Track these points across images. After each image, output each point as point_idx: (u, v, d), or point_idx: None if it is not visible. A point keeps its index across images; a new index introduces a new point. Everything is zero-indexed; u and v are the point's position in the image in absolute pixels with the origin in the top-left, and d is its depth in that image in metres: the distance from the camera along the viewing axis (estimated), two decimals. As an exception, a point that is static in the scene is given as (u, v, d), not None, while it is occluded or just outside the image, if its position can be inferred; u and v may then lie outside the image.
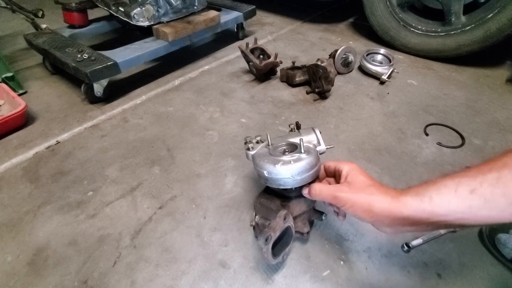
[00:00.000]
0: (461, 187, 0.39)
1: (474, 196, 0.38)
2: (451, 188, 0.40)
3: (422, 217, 0.42)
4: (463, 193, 0.39)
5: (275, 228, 0.52)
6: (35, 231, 0.69)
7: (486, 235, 0.65)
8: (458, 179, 0.40)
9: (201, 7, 1.35)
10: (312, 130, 0.65)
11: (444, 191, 0.41)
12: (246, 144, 0.64)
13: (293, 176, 0.53)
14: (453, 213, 0.40)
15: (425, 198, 0.42)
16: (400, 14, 1.43)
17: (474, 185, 0.39)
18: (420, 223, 0.42)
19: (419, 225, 0.43)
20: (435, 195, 0.41)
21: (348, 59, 1.28)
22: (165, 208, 0.74)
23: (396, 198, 0.44)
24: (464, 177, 0.40)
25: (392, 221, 0.44)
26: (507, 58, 1.43)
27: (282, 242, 0.57)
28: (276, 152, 0.60)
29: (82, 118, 1.05)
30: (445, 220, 0.41)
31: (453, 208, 0.40)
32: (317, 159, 0.56)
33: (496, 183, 0.38)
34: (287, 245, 0.58)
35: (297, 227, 0.61)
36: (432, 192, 0.42)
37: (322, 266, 0.62)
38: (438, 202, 0.41)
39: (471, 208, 0.39)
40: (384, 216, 0.44)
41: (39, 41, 1.19)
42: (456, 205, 0.39)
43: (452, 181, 0.41)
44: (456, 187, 0.40)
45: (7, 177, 0.83)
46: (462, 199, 0.39)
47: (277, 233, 0.52)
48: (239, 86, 1.22)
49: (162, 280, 0.60)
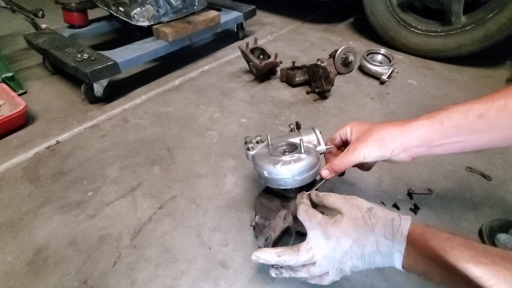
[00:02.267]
0: (471, 112, 0.44)
1: (482, 120, 0.43)
2: (462, 113, 0.44)
3: (433, 137, 0.46)
4: (471, 117, 0.43)
5: (275, 228, 0.52)
6: (35, 231, 0.69)
7: (486, 235, 0.66)
8: (469, 106, 0.44)
9: (201, 7, 1.35)
10: (312, 130, 0.65)
11: (455, 115, 0.45)
12: (246, 144, 0.64)
13: (293, 176, 0.53)
14: (460, 135, 0.45)
15: (436, 120, 0.46)
16: (400, 14, 1.43)
17: (483, 110, 0.43)
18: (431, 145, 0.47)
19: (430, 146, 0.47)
20: (446, 119, 0.45)
21: (348, 59, 1.28)
22: (165, 208, 0.74)
23: (406, 124, 0.49)
24: (475, 103, 0.44)
25: (405, 144, 0.48)
26: (507, 58, 1.43)
27: (282, 242, 0.57)
28: (276, 152, 0.60)
29: (82, 118, 1.05)
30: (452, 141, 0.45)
31: (460, 130, 0.44)
32: (317, 159, 0.56)
33: (503, 108, 0.42)
34: (287, 245, 0.58)
35: (297, 227, 0.61)
36: (444, 116, 0.46)
37: (322, 266, 0.62)
38: (448, 124, 0.45)
39: (476, 131, 0.44)
40: (398, 142, 0.48)
41: (39, 41, 1.18)
42: (464, 127, 0.44)
43: (463, 107, 0.44)
44: (466, 112, 0.44)
45: (7, 177, 0.83)
46: (470, 122, 0.43)
47: (277, 233, 0.52)
48: (239, 86, 1.22)
49: (162, 280, 0.60)
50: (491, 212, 0.72)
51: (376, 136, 0.50)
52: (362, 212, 0.45)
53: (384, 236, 0.42)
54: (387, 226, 0.43)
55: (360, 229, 0.44)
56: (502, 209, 0.73)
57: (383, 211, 0.45)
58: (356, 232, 0.43)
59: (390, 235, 0.42)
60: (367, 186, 0.79)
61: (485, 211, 0.73)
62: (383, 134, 0.50)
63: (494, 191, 0.78)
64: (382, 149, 0.49)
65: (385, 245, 0.42)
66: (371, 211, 0.45)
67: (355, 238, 0.43)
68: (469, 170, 0.83)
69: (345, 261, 0.44)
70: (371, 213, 0.45)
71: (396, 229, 0.42)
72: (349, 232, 0.44)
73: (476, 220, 0.71)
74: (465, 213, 0.72)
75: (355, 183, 0.80)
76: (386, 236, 0.42)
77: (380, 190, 0.78)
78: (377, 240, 0.42)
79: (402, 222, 0.43)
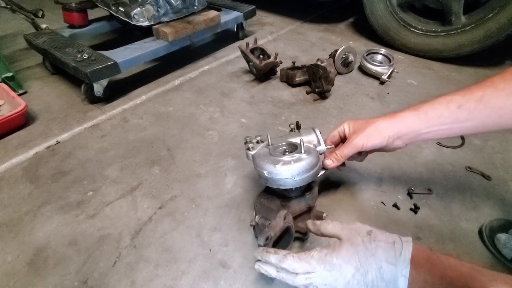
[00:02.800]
0: (451, 103, 0.50)
1: (461, 110, 0.49)
2: (443, 104, 0.51)
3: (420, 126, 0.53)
4: (452, 108, 0.50)
5: (275, 228, 0.52)
6: (35, 231, 0.69)
7: (486, 235, 0.66)
8: (450, 97, 0.51)
9: (201, 7, 1.35)
10: (312, 130, 0.65)
11: (437, 106, 0.52)
12: (246, 144, 0.64)
13: (293, 176, 0.53)
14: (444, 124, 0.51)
15: (421, 111, 0.53)
16: (400, 14, 1.43)
17: (462, 102, 0.49)
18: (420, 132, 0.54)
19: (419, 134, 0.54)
20: (429, 110, 0.52)
21: (348, 59, 1.28)
22: (165, 208, 0.74)
23: (394, 115, 0.56)
24: (455, 95, 0.50)
25: (397, 132, 0.55)
26: (507, 58, 1.43)
27: (282, 242, 0.57)
28: (276, 152, 0.60)
29: (82, 118, 1.05)
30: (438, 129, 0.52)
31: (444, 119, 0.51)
32: (317, 159, 0.56)
33: (480, 99, 0.48)
34: (287, 245, 0.58)
35: (297, 227, 0.61)
36: (428, 108, 0.53)
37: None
38: (432, 115, 0.52)
39: (458, 120, 0.50)
40: (391, 131, 0.55)
41: (39, 41, 1.18)
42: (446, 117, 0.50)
43: (445, 99, 0.51)
44: (447, 103, 0.50)
45: (7, 177, 0.83)
46: (451, 112, 0.50)
47: (277, 233, 0.52)
48: (239, 86, 1.22)
49: (162, 280, 0.60)
50: (491, 212, 0.72)
51: (372, 127, 0.57)
52: (361, 236, 0.45)
53: (386, 261, 0.41)
54: (389, 250, 0.42)
55: (361, 254, 0.42)
56: (502, 209, 0.73)
57: (383, 234, 0.45)
58: (357, 259, 0.42)
59: (393, 259, 0.41)
60: (367, 186, 0.79)
61: (485, 211, 0.73)
62: (377, 124, 0.56)
63: (494, 191, 0.78)
64: (379, 137, 0.55)
65: (389, 271, 0.41)
66: (371, 234, 0.45)
67: (357, 266, 0.42)
68: (469, 170, 0.83)
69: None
70: (370, 237, 0.44)
71: (398, 252, 0.41)
72: (351, 259, 0.42)
73: (476, 220, 0.71)
74: (465, 213, 0.72)
75: (355, 183, 0.80)
76: (389, 260, 0.41)
77: (380, 190, 0.78)
78: (380, 265, 0.41)
79: (404, 245, 0.42)
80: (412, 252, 0.41)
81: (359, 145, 0.57)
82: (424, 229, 0.69)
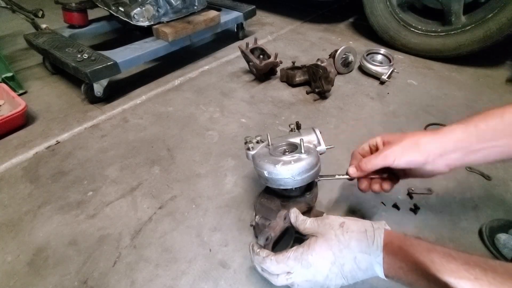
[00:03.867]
0: (507, 115, 0.42)
1: None
2: (497, 116, 0.43)
3: (470, 141, 0.44)
4: (509, 120, 0.42)
5: (275, 228, 0.52)
6: (35, 231, 0.69)
7: (486, 235, 0.66)
8: (503, 109, 0.43)
9: (201, 7, 1.35)
10: (312, 130, 0.65)
11: (490, 118, 0.44)
12: (246, 144, 0.64)
13: (294, 176, 0.53)
14: (498, 138, 0.43)
15: (470, 124, 0.45)
16: (400, 14, 1.43)
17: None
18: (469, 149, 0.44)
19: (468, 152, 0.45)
20: (481, 122, 0.44)
21: (348, 59, 1.28)
22: (165, 208, 0.74)
23: (438, 130, 0.47)
24: (509, 107, 0.43)
25: (441, 149, 0.45)
26: (507, 58, 1.43)
27: (282, 242, 0.57)
28: (276, 152, 0.60)
29: (82, 118, 1.05)
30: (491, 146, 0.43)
31: (498, 133, 0.43)
32: (317, 159, 0.56)
33: None
34: (287, 245, 0.58)
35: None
36: (478, 120, 0.44)
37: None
38: (484, 127, 0.43)
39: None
40: (433, 147, 0.46)
41: (39, 41, 1.18)
42: (501, 130, 0.42)
43: (497, 111, 0.43)
44: (502, 115, 0.43)
45: (7, 177, 0.83)
46: (508, 125, 0.42)
47: (277, 233, 0.52)
48: (239, 86, 1.22)
49: (162, 280, 0.60)
50: (491, 212, 0.72)
51: (410, 139, 0.48)
52: (334, 230, 0.45)
53: (360, 251, 0.42)
54: (361, 240, 0.42)
55: (335, 248, 0.43)
56: (502, 209, 0.73)
57: (355, 224, 0.45)
58: (332, 253, 0.43)
59: (366, 248, 0.41)
60: (367, 186, 0.79)
61: (485, 211, 0.73)
62: (417, 138, 0.47)
63: (494, 191, 0.78)
64: (416, 152, 0.46)
65: (363, 260, 0.41)
66: (343, 226, 0.45)
67: (332, 260, 0.43)
68: (469, 170, 0.83)
69: (328, 282, 0.43)
70: (343, 229, 0.44)
71: (370, 241, 0.42)
72: (325, 255, 0.43)
73: (476, 220, 0.71)
74: (465, 213, 0.72)
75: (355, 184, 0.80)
76: (362, 250, 0.42)
77: (380, 190, 0.78)
78: (354, 256, 0.42)
79: (375, 232, 0.42)
80: (385, 240, 0.41)
81: (389, 159, 0.48)
82: (424, 229, 0.69)
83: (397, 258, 0.39)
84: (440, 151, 0.45)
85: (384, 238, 0.41)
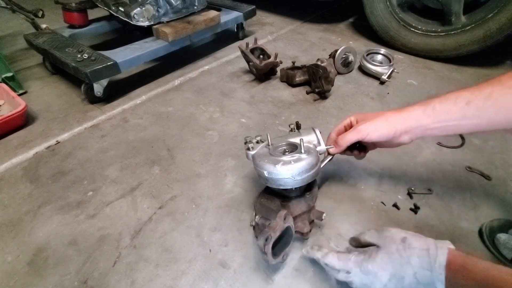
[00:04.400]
0: (460, 99, 0.50)
1: (469, 106, 0.48)
2: (451, 100, 0.50)
3: (428, 121, 0.52)
4: (460, 104, 0.49)
5: (275, 228, 0.52)
6: (35, 231, 0.69)
7: (486, 235, 0.66)
8: (458, 93, 0.50)
9: (201, 7, 1.35)
10: (312, 130, 0.65)
11: (445, 102, 0.51)
12: (246, 144, 0.64)
13: (293, 176, 0.53)
14: (451, 120, 0.50)
15: (429, 107, 0.52)
16: (400, 14, 1.43)
17: (470, 98, 0.49)
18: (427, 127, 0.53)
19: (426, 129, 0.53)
20: (437, 105, 0.52)
21: (348, 59, 1.28)
22: (165, 208, 0.74)
23: (403, 109, 0.55)
24: (463, 91, 0.50)
25: (406, 126, 0.54)
26: (507, 58, 1.43)
27: (282, 242, 0.57)
28: (276, 152, 0.60)
29: (82, 118, 1.05)
30: (445, 125, 0.51)
31: (451, 115, 0.50)
32: (317, 159, 0.56)
33: (488, 96, 0.47)
34: (287, 245, 0.58)
35: (297, 227, 0.61)
36: (436, 103, 0.52)
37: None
38: (440, 110, 0.51)
39: (465, 116, 0.49)
40: (400, 124, 0.54)
41: (39, 41, 1.18)
42: (454, 113, 0.50)
43: (453, 95, 0.51)
44: (455, 99, 0.50)
45: (7, 177, 0.83)
46: (459, 108, 0.49)
47: (277, 233, 0.52)
48: (239, 86, 1.22)
49: (162, 280, 0.60)
50: (491, 212, 0.72)
51: (380, 117, 0.56)
52: (396, 244, 0.46)
53: (421, 267, 0.42)
54: (423, 257, 0.43)
55: (395, 262, 0.44)
56: (502, 209, 0.73)
57: (417, 240, 0.45)
58: (392, 267, 0.44)
59: (428, 266, 0.42)
60: (367, 186, 0.79)
61: (485, 211, 0.73)
62: (386, 116, 0.56)
63: (494, 191, 0.78)
64: (387, 127, 0.55)
65: (424, 276, 0.42)
66: (405, 241, 0.45)
67: (392, 272, 0.44)
68: (469, 170, 0.83)
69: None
70: (405, 244, 0.45)
71: (433, 259, 0.42)
72: (386, 266, 0.45)
73: (476, 220, 0.71)
74: (465, 213, 0.72)
75: (355, 184, 0.80)
76: (424, 267, 0.42)
77: (380, 190, 0.78)
78: (415, 271, 0.42)
79: (438, 251, 0.42)
80: (447, 258, 0.41)
81: (363, 132, 0.56)
82: (424, 229, 0.69)
83: (459, 276, 0.40)
84: (405, 128, 0.54)
85: (447, 257, 0.42)
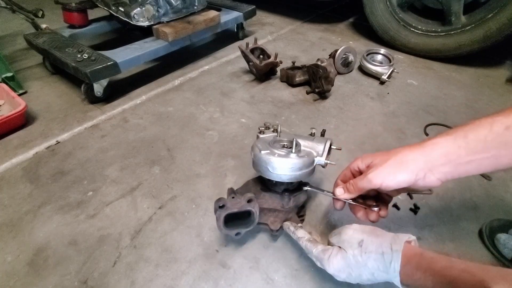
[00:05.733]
0: (496, 125, 0.39)
1: (509, 132, 0.38)
2: (486, 126, 0.40)
3: (459, 154, 0.41)
4: (498, 129, 0.39)
5: (235, 204, 0.55)
6: (35, 231, 0.69)
7: (486, 235, 0.66)
8: (492, 119, 0.40)
9: (201, 7, 1.35)
10: (324, 141, 0.64)
11: (479, 129, 0.40)
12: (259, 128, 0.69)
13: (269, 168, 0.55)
14: (489, 150, 0.40)
15: (458, 135, 0.41)
16: (400, 14, 1.43)
17: (509, 122, 0.38)
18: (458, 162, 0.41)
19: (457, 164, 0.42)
20: (470, 133, 0.41)
21: (348, 59, 1.28)
22: (165, 208, 0.74)
23: (425, 143, 0.44)
24: (498, 116, 0.40)
25: (430, 164, 0.42)
26: (507, 58, 1.43)
27: (241, 222, 0.59)
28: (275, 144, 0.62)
29: (82, 118, 1.05)
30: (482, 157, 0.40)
31: (488, 144, 0.39)
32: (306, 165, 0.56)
33: None
34: (246, 227, 0.59)
35: (266, 219, 0.61)
36: (467, 131, 0.41)
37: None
38: (473, 138, 0.40)
39: (506, 144, 0.39)
40: (421, 163, 0.43)
41: (39, 41, 1.18)
42: (491, 141, 0.39)
43: (486, 121, 0.40)
44: (491, 125, 0.40)
45: (7, 177, 0.83)
46: (497, 135, 0.39)
47: (234, 209, 0.54)
48: (239, 86, 1.22)
49: (162, 280, 0.60)
50: (491, 212, 0.72)
51: (394, 159, 0.45)
52: (353, 249, 0.47)
53: (378, 269, 0.44)
54: (379, 260, 0.44)
55: (351, 267, 0.46)
56: (502, 209, 0.73)
57: (373, 243, 0.46)
58: (348, 271, 0.47)
59: (384, 268, 0.43)
60: (367, 186, 0.79)
61: (485, 211, 0.73)
62: (402, 156, 0.44)
63: (494, 191, 0.78)
64: (404, 172, 0.43)
65: (381, 277, 0.44)
66: (362, 245, 0.46)
67: (348, 276, 0.47)
68: (469, 170, 0.83)
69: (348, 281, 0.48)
70: (361, 249, 0.46)
71: (388, 263, 0.43)
72: (342, 270, 0.47)
73: (476, 220, 0.71)
74: (465, 213, 0.72)
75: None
76: (380, 269, 0.44)
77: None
78: (372, 272, 0.45)
79: (393, 255, 0.43)
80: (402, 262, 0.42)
81: (376, 182, 0.45)
82: (424, 229, 0.69)
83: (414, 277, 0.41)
84: (429, 166, 0.43)
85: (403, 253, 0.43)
